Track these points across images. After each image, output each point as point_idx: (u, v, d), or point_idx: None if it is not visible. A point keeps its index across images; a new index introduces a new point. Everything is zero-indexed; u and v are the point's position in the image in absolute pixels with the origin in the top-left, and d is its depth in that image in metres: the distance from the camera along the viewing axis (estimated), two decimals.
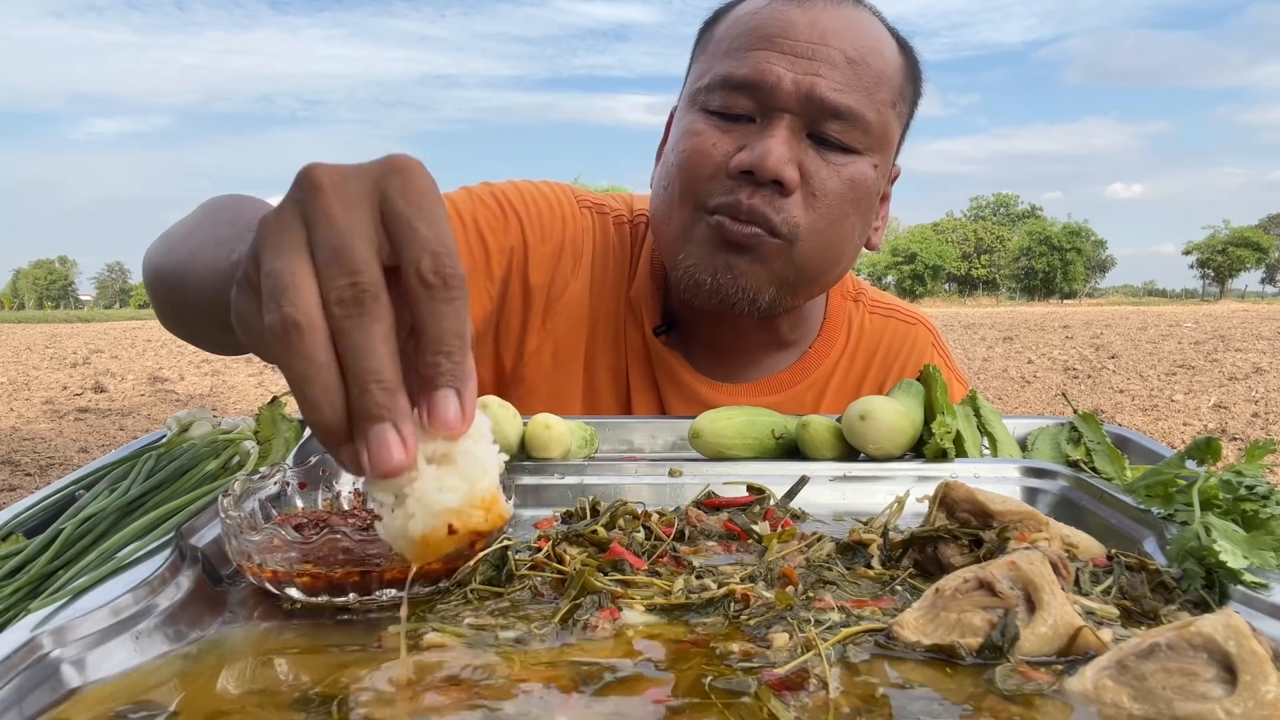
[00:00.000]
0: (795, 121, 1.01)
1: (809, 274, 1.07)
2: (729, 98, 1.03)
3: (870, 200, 1.08)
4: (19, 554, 0.65)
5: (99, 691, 0.48)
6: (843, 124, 1.02)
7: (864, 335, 1.29)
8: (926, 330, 1.33)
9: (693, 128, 1.05)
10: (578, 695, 0.47)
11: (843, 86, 1.01)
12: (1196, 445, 0.71)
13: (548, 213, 1.19)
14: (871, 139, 1.05)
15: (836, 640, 0.52)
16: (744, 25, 1.06)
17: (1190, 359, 11.04)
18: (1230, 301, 60.52)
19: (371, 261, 0.44)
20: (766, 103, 1.02)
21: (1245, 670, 0.43)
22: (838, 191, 1.03)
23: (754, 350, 1.22)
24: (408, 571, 0.60)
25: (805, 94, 1.00)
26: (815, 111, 1.01)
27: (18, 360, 13.41)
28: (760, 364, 1.23)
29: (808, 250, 1.04)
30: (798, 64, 1.01)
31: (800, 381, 1.23)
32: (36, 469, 5.32)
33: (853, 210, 1.05)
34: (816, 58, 1.01)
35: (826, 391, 1.25)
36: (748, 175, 1.00)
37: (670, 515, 0.75)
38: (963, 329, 19.35)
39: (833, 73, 1.01)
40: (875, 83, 1.04)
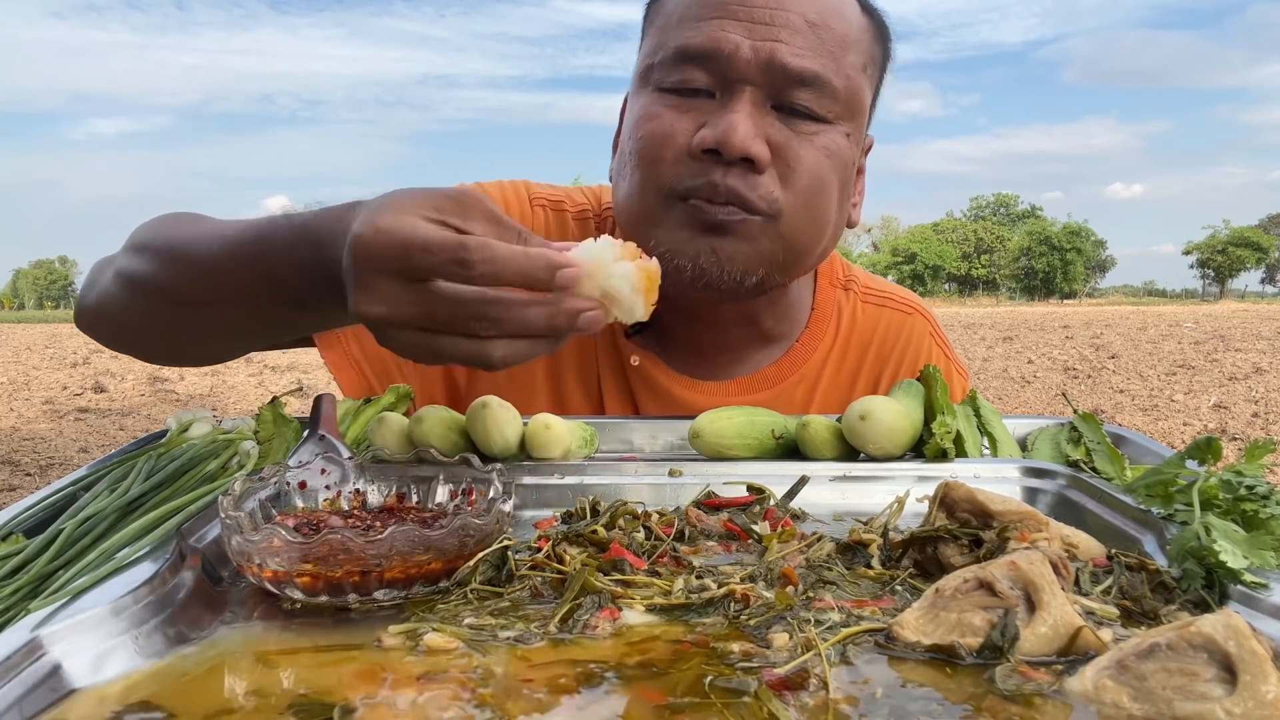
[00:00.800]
0: (758, 93, 0.95)
1: (796, 250, 1.00)
2: (684, 72, 0.96)
3: (847, 170, 1.02)
4: (19, 554, 0.65)
5: (99, 691, 0.48)
6: (810, 91, 0.95)
7: (856, 326, 1.21)
8: (924, 319, 1.25)
9: (648, 110, 0.98)
10: (578, 695, 0.47)
11: (806, 51, 0.94)
12: (1196, 445, 0.71)
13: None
14: (841, 106, 0.98)
15: (836, 640, 0.52)
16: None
17: (1190, 359, 11.04)
18: (1230, 301, 60.53)
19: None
20: (725, 74, 0.95)
21: (1245, 670, 0.43)
22: (813, 162, 0.97)
23: (735, 346, 1.15)
24: (408, 572, 0.60)
25: (765, 61, 0.93)
26: (779, 80, 0.94)
27: (18, 360, 13.41)
28: (743, 360, 1.16)
29: (793, 225, 0.98)
30: (755, 29, 0.94)
31: (787, 377, 1.16)
32: (36, 469, 5.32)
33: (828, 186, 0.99)
34: (775, 22, 0.94)
35: (818, 388, 1.18)
36: (713, 154, 0.93)
37: (670, 515, 0.75)
38: (963, 329, 19.34)
39: (794, 37, 0.94)
40: (840, 46, 0.97)
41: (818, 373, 1.18)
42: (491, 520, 0.65)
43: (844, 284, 1.23)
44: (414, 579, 0.61)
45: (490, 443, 0.86)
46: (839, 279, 1.23)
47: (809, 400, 1.17)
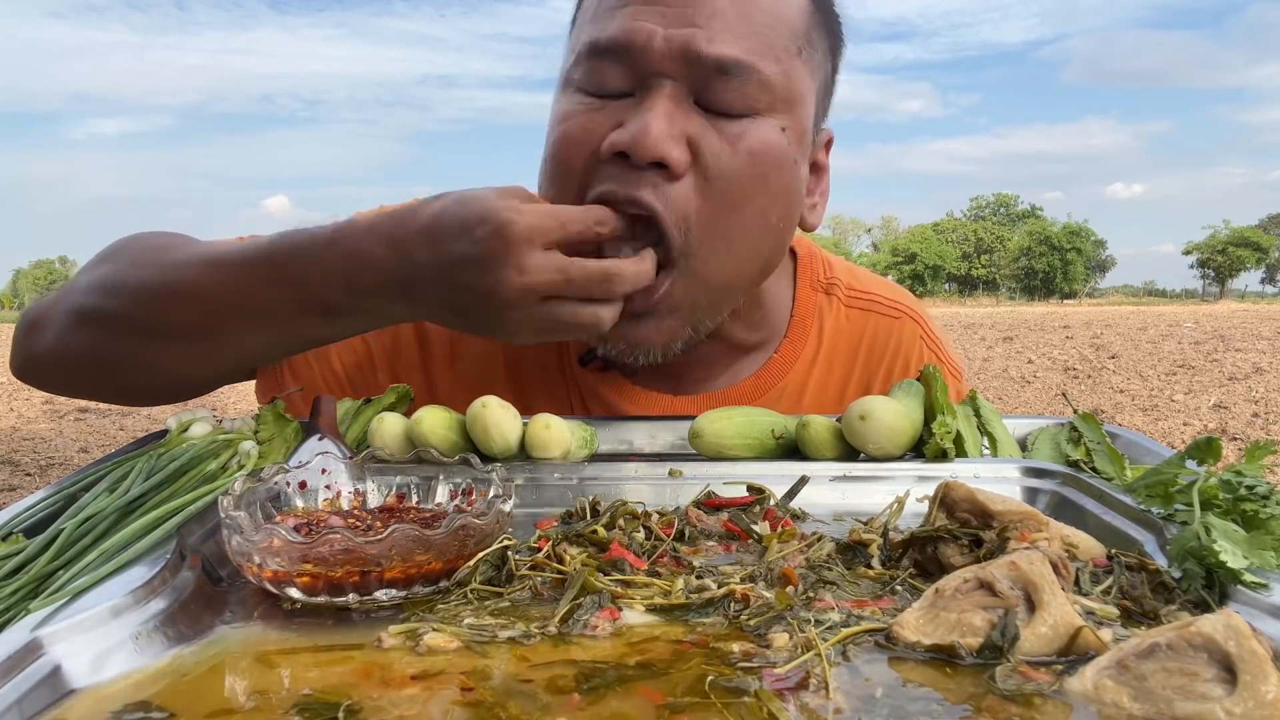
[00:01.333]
0: (677, 88, 0.84)
1: (720, 280, 0.90)
2: (599, 69, 0.87)
3: (782, 171, 0.89)
4: (19, 554, 0.65)
5: (99, 691, 0.48)
6: (733, 80, 0.84)
7: (841, 334, 1.12)
8: (913, 322, 1.15)
9: (563, 111, 0.89)
10: (578, 695, 0.47)
11: (726, 35, 0.84)
12: (1196, 445, 0.71)
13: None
14: (772, 95, 0.87)
15: (836, 640, 0.52)
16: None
17: (1190, 359, 11.04)
18: (1230, 301, 60.52)
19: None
20: (641, 68, 0.85)
21: (1245, 670, 0.43)
22: (737, 169, 0.86)
23: (706, 362, 1.06)
24: (408, 572, 0.61)
25: (680, 50, 0.83)
26: (698, 71, 0.84)
27: None
28: (716, 376, 1.07)
29: (708, 253, 0.86)
30: (670, 15, 0.84)
31: (767, 391, 1.08)
32: (36, 469, 5.33)
33: (759, 190, 0.87)
34: (690, 4, 0.84)
35: (802, 401, 1.09)
36: (624, 158, 0.84)
37: (670, 515, 0.75)
38: (963, 329, 19.34)
39: (712, 21, 0.84)
40: (769, 26, 0.86)
41: (801, 385, 1.10)
42: (491, 520, 0.65)
43: (826, 287, 1.14)
44: (414, 579, 0.61)
45: (490, 443, 0.86)
46: (820, 281, 1.14)
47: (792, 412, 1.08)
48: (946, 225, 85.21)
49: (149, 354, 0.93)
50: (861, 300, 1.15)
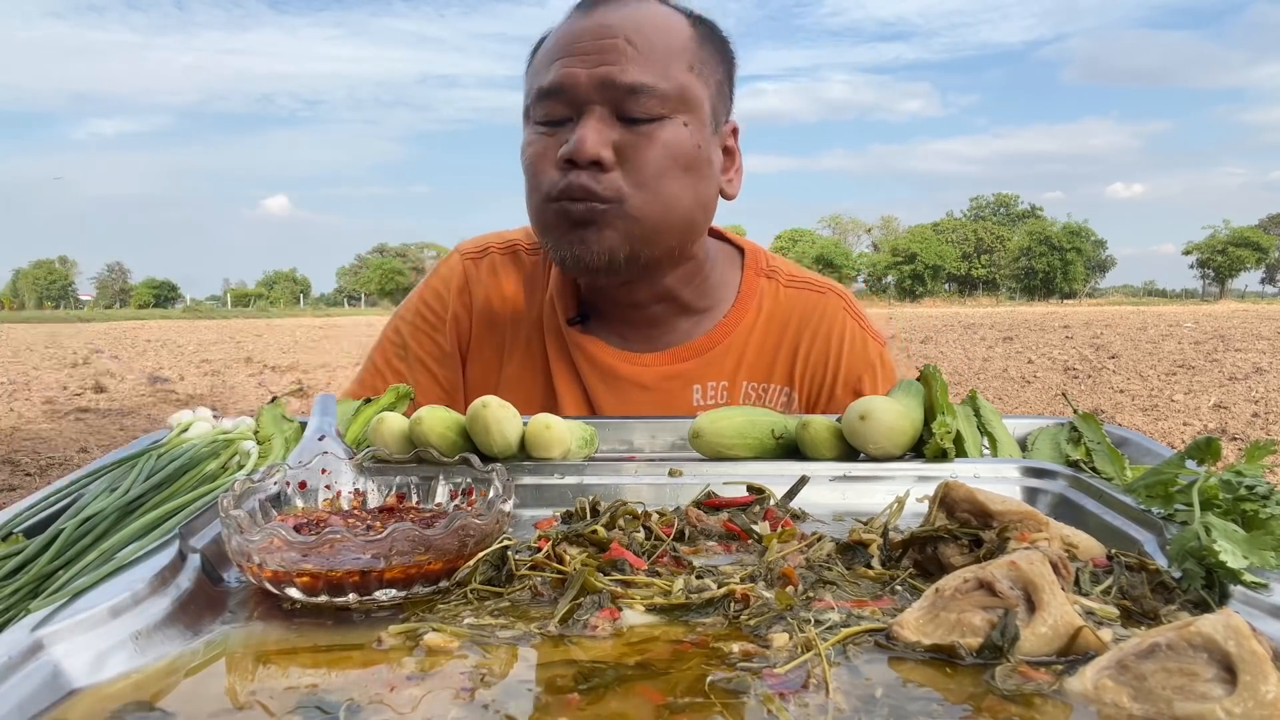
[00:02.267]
0: (602, 110, 1.16)
1: (649, 224, 1.19)
2: (547, 107, 1.19)
3: (692, 153, 1.20)
4: (19, 554, 0.65)
5: (99, 691, 0.48)
6: (641, 97, 1.15)
7: (778, 307, 1.38)
8: (838, 297, 1.42)
9: (527, 141, 1.23)
10: (578, 695, 0.47)
11: (629, 67, 1.15)
12: (1196, 445, 0.71)
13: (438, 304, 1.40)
14: (673, 102, 1.17)
15: (836, 640, 0.52)
16: (548, 45, 1.23)
17: (1190, 359, 11.04)
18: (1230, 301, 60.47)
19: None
20: (574, 100, 1.17)
21: (1245, 670, 0.43)
22: (653, 155, 1.17)
23: (662, 321, 1.33)
24: (408, 571, 0.61)
25: (599, 83, 1.15)
26: (614, 95, 1.15)
27: (18, 360, 13.41)
28: (672, 333, 1.34)
29: (636, 204, 1.17)
30: (589, 59, 1.16)
31: (713, 348, 1.33)
32: (36, 469, 5.33)
33: (673, 165, 1.18)
34: (604, 50, 1.16)
35: (744, 357, 1.34)
36: (572, 163, 1.15)
37: (670, 515, 0.75)
38: (963, 329, 19.34)
39: (619, 58, 1.16)
40: (664, 56, 1.18)
41: (743, 344, 1.35)
42: (491, 520, 0.65)
43: (768, 273, 1.42)
44: (414, 579, 0.61)
45: (490, 443, 0.86)
46: (763, 269, 1.42)
47: (738, 367, 1.35)
48: (946, 225, 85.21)
49: None
50: (797, 282, 1.43)
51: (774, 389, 1.34)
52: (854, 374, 1.33)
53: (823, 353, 1.36)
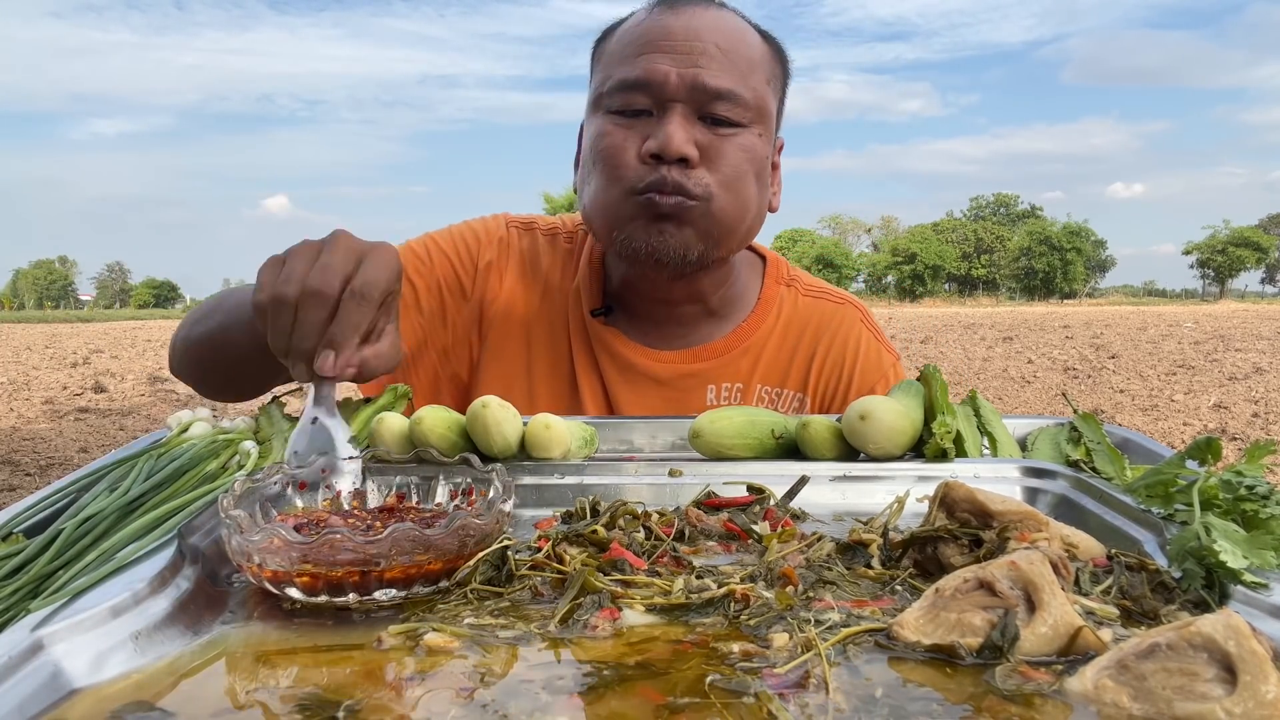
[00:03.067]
0: (686, 108, 1.18)
1: (725, 226, 1.22)
2: (627, 98, 1.20)
3: (762, 163, 1.24)
4: (19, 554, 0.65)
5: (99, 691, 0.48)
6: (726, 103, 1.18)
7: (796, 314, 1.41)
8: (855, 309, 1.44)
9: (602, 129, 1.22)
10: (578, 695, 0.47)
11: (720, 72, 1.18)
12: (1196, 445, 0.71)
13: (473, 243, 1.38)
14: (752, 113, 1.21)
15: (836, 640, 0.52)
16: (630, 37, 1.23)
17: (1190, 359, 11.04)
18: (1230, 301, 60.46)
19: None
20: (659, 96, 1.18)
21: (1245, 670, 0.43)
22: (733, 156, 1.20)
23: (686, 321, 1.35)
24: (408, 571, 0.61)
25: (690, 84, 1.17)
26: (701, 97, 1.18)
27: (18, 360, 13.41)
28: (694, 334, 1.36)
29: (720, 205, 1.20)
30: (679, 59, 1.18)
31: (733, 350, 1.36)
32: (36, 469, 5.33)
33: (749, 169, 1.22)
34: (694, 52, 1.18)
35: (760, 360, 1.37)
36: (657, 158, 1.16)
37: (670, 515, 0.75)
38: (963, 329, 19.34)
39: (710, 63, 1.18)
40: (748, 66, 1.21)
41: (760, 348, 1.38)
42: (491, 520, 0.65)
43: (787, 282, 1.45)
44: (414, 579, 0.61)
45: (490, 443, 0.86)
46: (783, 278, 1.45)
47: (753, 370, 1.37)
48: (946, 225, 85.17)
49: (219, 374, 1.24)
50: (815, 292, 1.46)
51: (788, 394, 1.36)
52: (867, 384, 1.36)
53: (837, 361, 1.38)
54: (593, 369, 1.34)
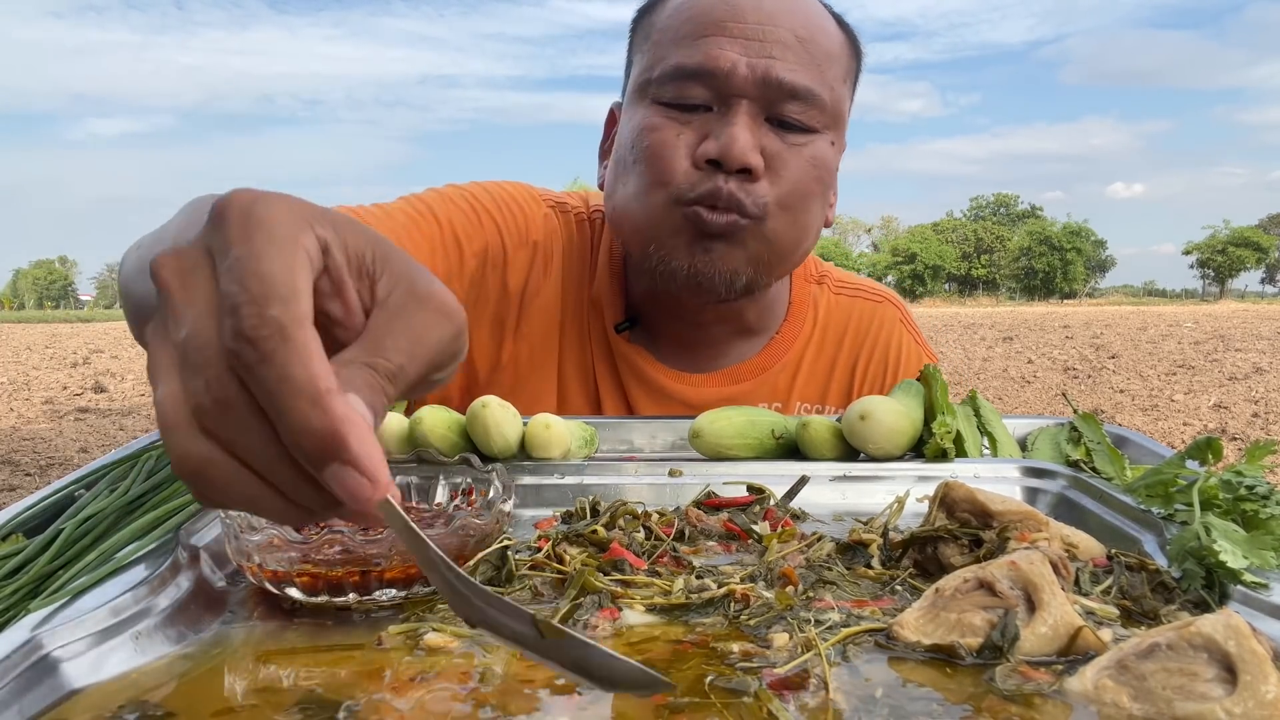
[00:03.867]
0: (753, 106, 1.00)
1: (780, 250, 1.07)
2: (683, 88, 1.01)
3: (831, 177, 1.09)
4: (19, 554, 0.65)
5: (99, 691, 0.48)
6: (800, 104, 1.01)
7: (831, 317, 1.28)
8: (893, 307, 1.31)
9: (649, 122, 1.03)
10: (578, 695, 0.47)
11: (798, 66, 1.00)
12: (1196, 445, 0.71)
13: (520, 215, 1.19)
14: (828, 116, 1.04)
15: (836, 640, 0.52)
16: (688, 12, 1.03)
17: (1190, 359, 11.04)
18: (1230, 301, 60.47)
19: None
20: (723, 90, 1.00)
21: (1245, 670, 0.43)
22: (800, 171, 1.03)
23: (719, 340, 1.21)
24: (408, 571, 0.60)
25: (761, 77, 0.99)
26: (773, 94, 1.00)
27: (18, 360, 13.41)
28: (727, 353, 1.22)
29: (777, 227, 1.04)
30: (750, 47, 0.99)
31: (770, 367, 1.22)
32: (36, 469, 5.33)
33: (816, 188, 1.06)
34: (768, 39, 1.00)
35: (798, 375, 1.24)
36: (715, 165, 1.00)
37: (670, 515, 0.75)
38: (963, 329, 19.34)
39: (786, 53, 1.00)
40: (826, 60, 1.03)
41: (798, 361, 1.24)
42: (491, 520, 0.65)
43: (818, 279, 1.30)
44: (414, 579, 0.61)
45: (490, 443, 0.86)
46: (813, 275, 1.30)
47: (790, 386, 1.23)
48: (946, 225, 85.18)
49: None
50: (848, 289, 1.32)
51: (828, 410, 1.24)
52: None
53: (879, 371, 1.26)
54: (616, 388, 1.20)
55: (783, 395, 1.22)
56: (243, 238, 0.38)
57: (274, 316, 0.36)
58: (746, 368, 1.22)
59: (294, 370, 0.36)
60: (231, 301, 0.37)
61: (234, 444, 0.37)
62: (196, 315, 0.38)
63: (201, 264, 0.39)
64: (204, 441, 0.38)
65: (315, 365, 0.36)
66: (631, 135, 1.06)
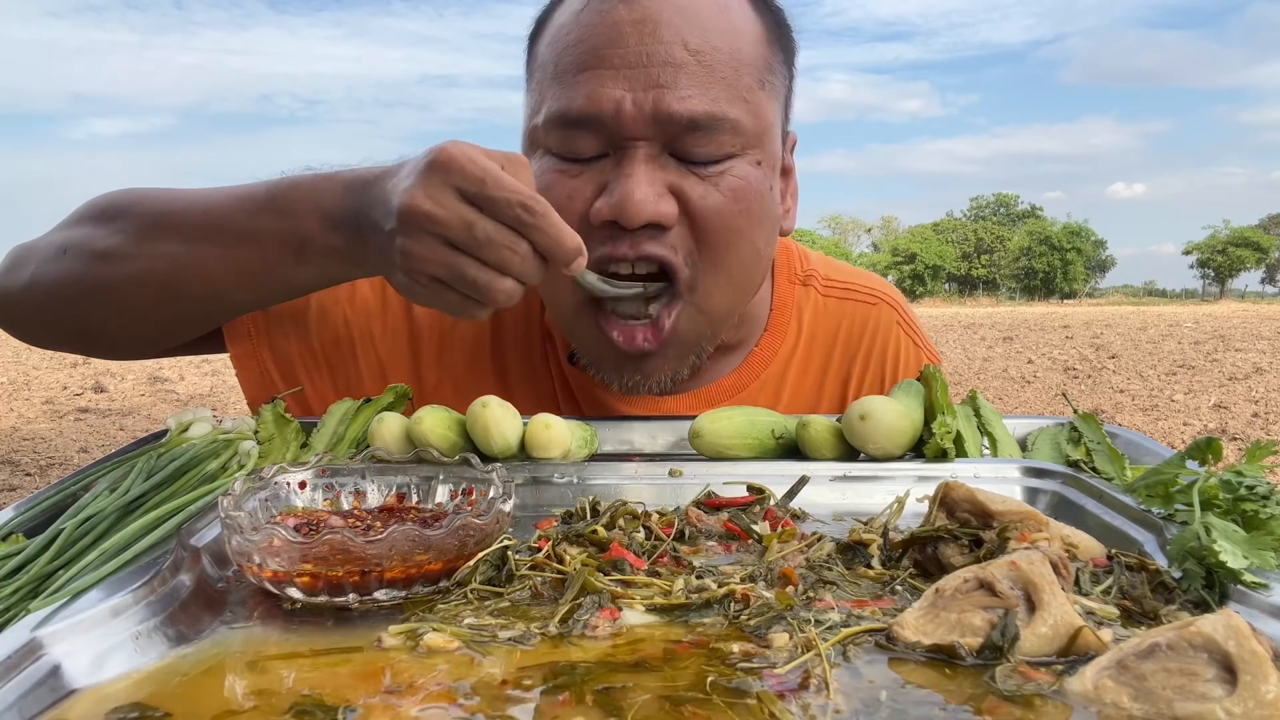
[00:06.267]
0: (650, 147, 0.87)
1: (724, 311, 0.95)
2: (569, 138, 0.89)
3: (762, 199, 0.92)
4: (19, 554, 0.65)
5: (99, 692, 0.48)
6: (704, 133, 0.87)
7: (819, 323, 1.14)
8: (890, 308, 1.17)
9: (542, 180, 0.90)
10: (577, 695, 0.47)
11: (693, 90, 0.85)
12: (1196, 445, 0.71)
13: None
14: (745, 136, 0.89)
15: (836, 640, 0.52)
16: (565, 39, 0.90)
17: (1190, 359, 11.04)
18: (1230, 301, 60.49)
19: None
20: (612, 134, 0.87)
21: (1245, 670, 0.43)
22: (721, 209, 0.89)
23: None
24: (408, 572, 0.60)
25: (651, 115, 0.85)
26: (670, 129, 0.86)
27: (18, 360, 13.41)
28: (700, 373, 1.06)
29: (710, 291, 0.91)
30: (634, 77, 0.85)
31: (748, 385, 1.10)
32: (36, 469, 5.32)
33: (745, 223, 0.91)
34: (654, 62, 0.85)
35: (783, 391, 1.12)
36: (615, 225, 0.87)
37: (670, 515, 0.75)
38: (963, 329, 19.35)
39: (677, 76, 0.85)
40: (732, 68, 0.88)
41: (781, 375, 1.12)
42: (491, 520, 0.65)
43: (803, 279, 1.16)
44: (414, 579, 0.61)
45: (490, 443, 0.86)
46: (798, 274, 1.15)
47: (774, 404, 1.10)
48: (946, 225, 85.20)
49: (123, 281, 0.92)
50: (838, 289, 1.17)
51: None
52: None
53: (876, 380, 1.14)
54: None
55: None
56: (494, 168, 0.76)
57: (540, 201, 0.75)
58: (721, 387, 1.10)
59: (555, 219, 0.76)
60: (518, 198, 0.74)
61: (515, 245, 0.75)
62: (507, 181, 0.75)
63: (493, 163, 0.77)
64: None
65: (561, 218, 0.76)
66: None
